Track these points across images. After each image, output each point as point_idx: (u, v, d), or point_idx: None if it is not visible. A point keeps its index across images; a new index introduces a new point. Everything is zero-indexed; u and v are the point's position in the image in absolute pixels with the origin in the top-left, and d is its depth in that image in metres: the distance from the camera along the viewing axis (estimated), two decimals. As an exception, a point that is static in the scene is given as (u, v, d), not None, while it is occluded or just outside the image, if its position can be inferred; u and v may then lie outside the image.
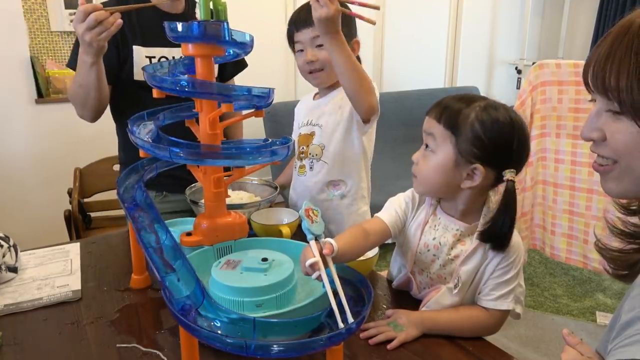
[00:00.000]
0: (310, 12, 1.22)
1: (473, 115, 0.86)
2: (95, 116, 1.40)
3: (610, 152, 0.62)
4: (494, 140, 0.85)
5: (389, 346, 0.84)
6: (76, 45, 1.38)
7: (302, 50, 1.30)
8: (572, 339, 0.75)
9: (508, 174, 0.85)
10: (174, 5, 1.45)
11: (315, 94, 1.43)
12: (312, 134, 1.36)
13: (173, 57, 1.42)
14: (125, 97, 1.43)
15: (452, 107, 0.89)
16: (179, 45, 0.93)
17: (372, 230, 0.95)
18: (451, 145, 0.87)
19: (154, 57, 1.38)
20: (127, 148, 1.51)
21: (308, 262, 0.75)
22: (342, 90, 1.32)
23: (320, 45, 1.26)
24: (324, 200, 1.35)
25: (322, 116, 1.35)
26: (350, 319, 0.66)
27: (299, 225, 1.24)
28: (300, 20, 1.28)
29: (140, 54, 1.37)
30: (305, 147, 1.37)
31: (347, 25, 1.25)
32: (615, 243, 0.71)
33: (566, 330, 0.76)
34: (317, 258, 0.75)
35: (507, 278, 0.88)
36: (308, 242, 0.79)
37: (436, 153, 0.89)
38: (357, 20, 1.33)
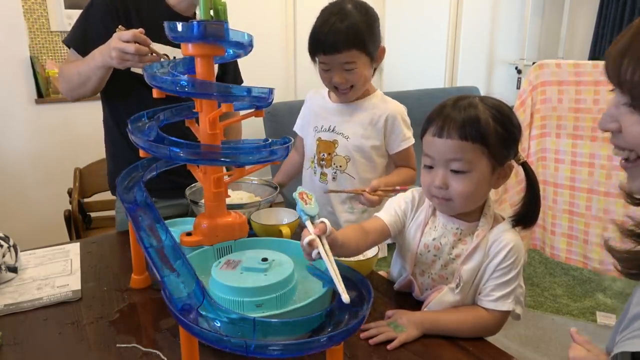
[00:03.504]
0: (338, 36, 1.17)
1: (491, 120, 0.85)
2: (77, 99, 1.39)
3: (625, 143, 0.62)
4: (512, 132, 0.87)
5: (389, 346, 0.84)
6: (77, 24, 1.35)
7: (329, 70, 1.24)
8: (579, 337, 0.75)
9: (521, 157, 0.90)
10: (188, 8, 1.43)
11: (331, 92, 1.37)
12: (334, 142, 1.32)
13: (174, 57, 1.41)
14: (118, 86, 1.39)
15: (469, 119, 0.85)
16: None
17: (371, 229, 0.95)
18: (484, 157, 0.86)
19: (156, 53, 1.37)
20: (118, 141, 1.47)
21: (305, 240, 0.75)
22: (372, 103, 1.31)
23: (350, 69, 1.21)
24: (344, 211, 1.34)
25: (346, 125, 1.30)
26: (346, 298, 0.67)
27: (300, 225, 1.24)
28: (328, 44, 1.18)
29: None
30: (326, 155, 1.33)
31: (372, 41, 1.22)
32: (625, 244, 0.71)
33: (574, 329, 0.77)
34: (314, 236, 0.75)
35: (507, 279, 0.88)
36: (303, 223, 0.79)
37: (472, 172, 0.86)
38: None
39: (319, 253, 0.74)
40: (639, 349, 0.55)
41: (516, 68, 4.41)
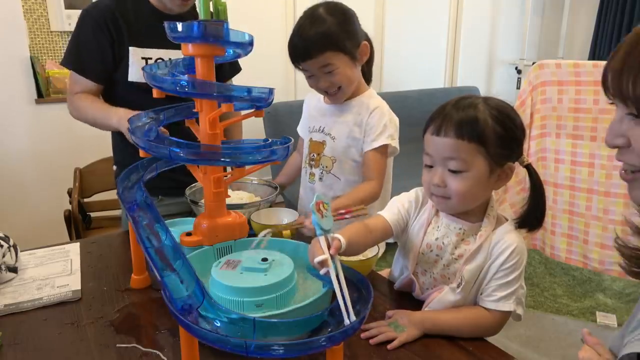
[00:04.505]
0: (308, 41, 1.16)
1: (490, 119, 0.85)
2: None
3: (636, 158, 0.61)
4: (512, 132, 0.87)
5: (389, 346, 0.84)
6: (71, 44, 1.37)
7: (312, 76, 1.23)
8: (591, 339, 0.75)
9: (525, 159, 0.90)
10: (172, 7, 1.42)
11: None
12: (323, 143, 1.32)
13: (170, 59, 1.40)
14: (119, 97, 1.41)
15: (467, 119, 0.85)
16: (176, 47, 0.93)
17: (374, 227, 0.95)
18: (482, 157, 0.85)
19: (150, 59, 1.38)
20: (121, 148, 1.50)
21: (317, 260, 0.74)
22: (360, 102, 1.29)
23: (330, 72, 1.20)
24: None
25: (334, 126, 1.30)
26: (353, 318, 0.66)
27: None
28: (299, 54, 1.20)
29: (137, 55, 1.36)
30: (316, 155, 1.34)
31: (349, 35, 1.20)
32: (635, 241, 0.71)
33: (586, 330, 0.77)
34: (327, 255, 0.74)
35: (510, 279, 0.88)
36: (317, 236, 0.78)
37: (469, 171, 0.86)
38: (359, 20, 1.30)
39: (328, 272, 0.73)
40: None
41: (516, 68, 4.41)
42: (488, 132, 0.84)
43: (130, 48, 1.36)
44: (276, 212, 1.29)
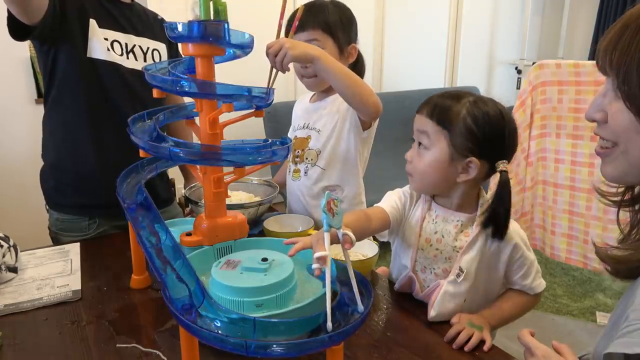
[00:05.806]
0: (305, 15, 1.23)
1: (464, 111, 0.89)
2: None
3: (610, 133, 0.63)
4: (486, 134, 0.89)
5: (485, 347, 0.83)
6: None
7: None
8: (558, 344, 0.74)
9: (501, 165, 0.90)
10: None
11: (312, 96, 1.42)
12: (307, 138, 1.35)
13: (126, 44, 1.36)
14: (76, 73, 1.33)
15: (443, 104, 0.91)
16: (133, 32, 0.88)
17: (374, 216, 0.97)
18: (445, 141, 0.90)
19: (107, 39, 1.33)
20: (58, 141, 1.38)
21: (317, 255, 0.70)
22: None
23: None
24: (319, 205, 1.35)
25: (319, 120, 1.34)
26: (361, 307, 0.67)
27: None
28: (298, 25, 1.24)
29: (95, 29, 1.30)
30: (300, 152, 1.36)
31: (344, 30, 1.28)
32: (615, 251, 0.72)
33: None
34: (327, 252, 0.70)
35: (527, 264, 0.94)
36: (323, 231, 0.73)
37: (430, 150, 0.92)
38: (357, 20, 1.33)
39: (320, 270, 0.70)
40: (622, 350, 0.56)
41: (516, 68, 4.40)
42: (457, 122, 0.89)
43: (91, 20, 1.30)
44: (288, 219, 1.29)
